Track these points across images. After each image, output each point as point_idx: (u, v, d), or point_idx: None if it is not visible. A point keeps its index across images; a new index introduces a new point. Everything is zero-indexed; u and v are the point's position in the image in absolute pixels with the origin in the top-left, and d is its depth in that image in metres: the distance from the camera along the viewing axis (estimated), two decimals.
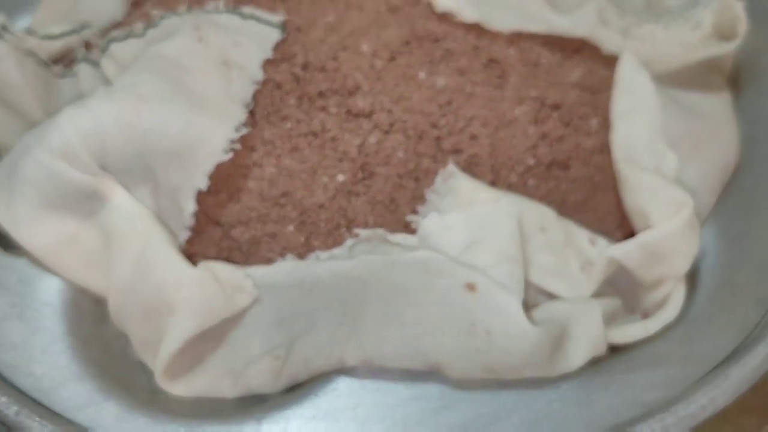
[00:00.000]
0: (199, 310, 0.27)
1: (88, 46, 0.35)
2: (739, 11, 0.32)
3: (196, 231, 0.30)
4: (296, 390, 0.28)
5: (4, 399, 0.25)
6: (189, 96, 0.30)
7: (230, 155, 0.30)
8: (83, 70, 0.35)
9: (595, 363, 0.28)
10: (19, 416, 0.24)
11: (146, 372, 0.28)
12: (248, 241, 0.30)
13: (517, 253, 0.28)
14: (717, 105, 0.34)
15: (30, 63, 0.35)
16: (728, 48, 0.32)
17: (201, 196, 0.30)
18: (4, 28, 0.34)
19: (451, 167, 0.30)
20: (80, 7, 0.38)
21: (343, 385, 0.27)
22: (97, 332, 0.29)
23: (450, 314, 0.26)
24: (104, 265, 0.29)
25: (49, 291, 0.29)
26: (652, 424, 0.24)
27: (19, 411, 0.24)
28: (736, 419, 0.48)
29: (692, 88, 0.34)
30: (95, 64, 0.34)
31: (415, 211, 0.30)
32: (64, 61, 0.36)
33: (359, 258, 0.28)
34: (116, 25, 0.36)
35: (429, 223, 0.29)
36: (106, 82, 0.34)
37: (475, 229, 0.28)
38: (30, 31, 0.35)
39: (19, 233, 0.29)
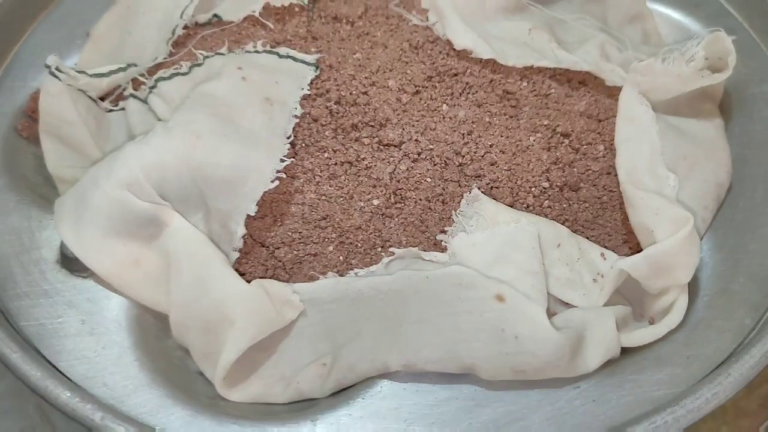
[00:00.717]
0: (255, 323, 0.31)
1: (135, 83, 0.39)
2: (729, 45, 0.35)
3: (244, 252, 0.34)
4: (343, 393, 0.31)
5: (89, 406, 0.28)
6: (237, 130, 0.33)
7: (276, 183, 0.33)
8: (131, 105, 0.38)
9: (609, 364, 0.31)
10: (104, 421, 0.27)
11: (205, 381, 0.32)
12: (291, 260, 0.34)
13: (539, 267, 0.31)
14: (710, 130, 0.37)
15: (82, 99, 0.38)
16: (720, 78, 0.36)
17: (248, 220, 0.33)
18: (58, 68, 0.38)
19: (476, 191, 0.34)
20: (124, 47, 0.41)
21: (386, 388, 0.31)
22: (160, 346, 0.32)
23: (482, 322, 0.30)
24: (165, 284, 0.32)
25: (115, 309, 0.33)
26: (664, 416, 0.28)
27: (104, 416, 0.27)
28: (732, 421, 0.52)
29: (688, 115, 0.38)
30: (142, 100, 0.38)
31: (443, 231, 0.33)
32: (111, 96, 0.39)
33: (396, 273, 0.32)
34: (160, 65, 0.39)
35: (457, 241, 0.32)
36: (154, 116, 0.37)
37: (500, 246, 0.32)
38: (80, 70, 0.39)
39: (87, 258, 0.32)
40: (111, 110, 0.39)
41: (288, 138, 0.35)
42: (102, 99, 0.39)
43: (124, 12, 0.42)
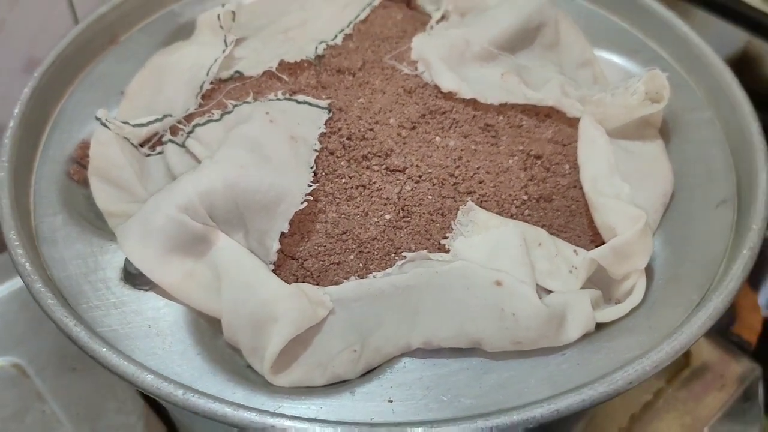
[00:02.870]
0: (295, 319, 0.37)
1: (173, 130, 0.46)
2: (664, 81, 0.45)
3: (277, 265, 0.41)
4: (372, 372, 0.38)
5: (171, 386, 0.34)
6: (271, 162, 0.41)
7: (304, 205, 0.41)
8: (170, 149, 0.45)
9: (586, 336, 0.39)
10: (186, 395, 0.34)
11: (253, 372, 0.38)
12: (318, 269, 0.41)
13: (526, 260, 0.39)
14: (654, 149, 0.47)
15: (127, 146, 0.45)
16: (659, 108, 0.45)
17: (280, 237, 0.41)
18: (107, 120, 0.45)
19: (470, 203, 0.42)
20: (157, 102, 0.48)
21: (409, 363, 0.38)
22: (215, 344, 0.39)
23: (485, 304, 0.37)
24: (215, 293, 0.39)
25: (175, 315, 0.39)
26: (635, 366, 0.35)
27: (185, 393, 0.34)
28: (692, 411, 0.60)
29: (635, 138, 0.47)
30: (180, 144, 0.45)
31: (445, 237, 0.41)
32: (149, 143, 0.47)
33: (410, 272, 0.39)
34: (192, 114, 0.47)
35: (458, 244, 0.40)
36: (192, 157, 0.45)
37: (493, 245, 0.40)
38: (124, 121, 0.46)
39: (151, 272, 0.39)
40: (149, 155, 0.46)
41: (311, 168, 0.42)
42: (141, 145, 0.46)
43: (155, 73, 0.50)
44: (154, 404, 0.56)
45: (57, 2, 0.67)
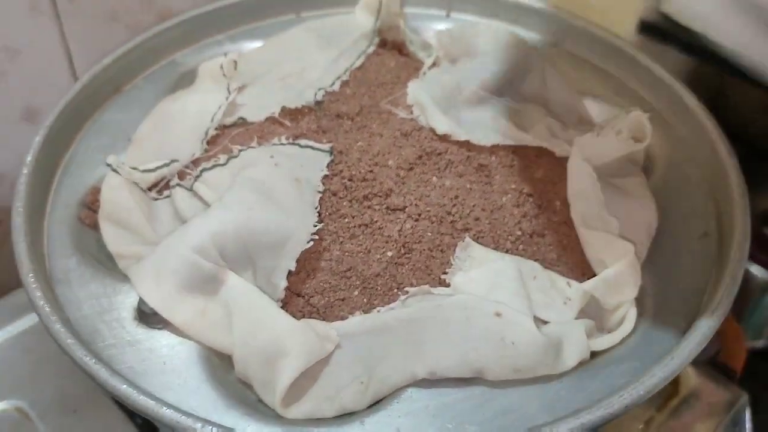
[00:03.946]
0: (305, 353, 0.39)
1: (180, 174, 0.48)
2: (646, 122, 0.48)
3: (285, 302, 0.43)
4: (380, 403, 0.40)
5: (191, 419, 0.36)
6: (278, 204, 0.44)
7: (310, 244, 0.43)
8: (178, 193, 0.48)
9: (582, 364, 0.41)
10: (205, 428, 0.36)
11: (265, 406, 0.40)
12: (324, 305, 0.43)
13: (523, 292, 0.42)
14: (637, 185, 0.50)
15: (136, 190, 0.48)
16: (641, 146, 0.48)
17: (287, 275, 0.43)
18: (118, 166, 0.47)
19: (468, 240, 0.44)
20: (163, 148, 0.51)
21: (415, 394, 0.40)
22: (227, 379, 0.41)
23: (486, 334, 0.40)
24: (227, 330, 0.41)
25: (189, 352, 0.41)
26: (629, 391, 0.38)
27: (203, 425, 0.36)
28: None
29: (620, 175, 0.50)
30: (188, 189, 0.48)
31: (445, 273, 0.44)
32: (157, 187, 0.49)
33: (413, 306, 0.41)
34: (199, 159, 0.49)
35: (458, 278, 0.43)
36: (200, 200, 0.47)
37: (492, 278, 0.42)
38: (133, 167, 0.48)
39: (165, 310, 0.41)
40: (157, 198, 0.48)
41: (316, 208, 0.45)
42: (149, 189, 0.49)
43: (161, 119, 0.52)
44: None
45: (56, 55, 0.70)
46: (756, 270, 1.17)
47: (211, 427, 0.36)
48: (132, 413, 0.57)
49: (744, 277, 1.21)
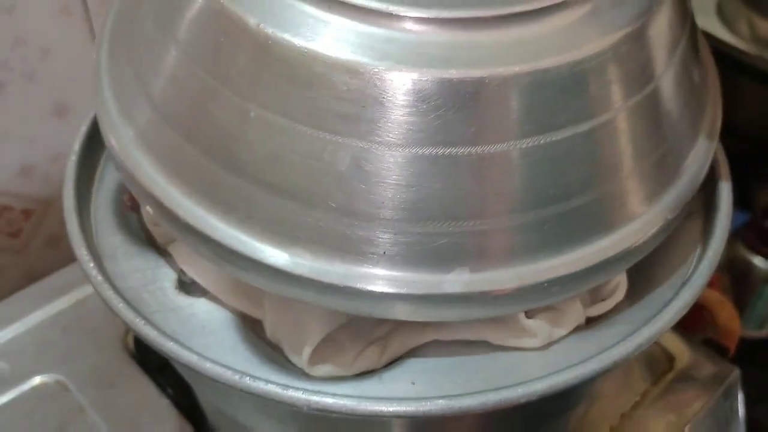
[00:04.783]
0: (328, 320, 0.45)
1: None
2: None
3: None
4: (396, 362, 0.46)
5: (230, 372, 0.42)
6: None
7: None
8: None
9: (577, 329, 0.47)
10: (243, 379, 0.41)
11: (293, 366, 0.46)
12: None
13: None
14: None
15: None
16: None
17: None
18: None
19: None
20: None
21: (428, 353, 0.45)
22: (259, 341, 0.47)
23: None
24: (260, 298, 0.47)
25: (225, 317, 0.47)
26: (618, 348, 0.43)
27: (242, 376, 0.41)
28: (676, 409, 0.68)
29: None
30: None
31: None
32: None
33: None
34: None
35: None
36: None
37: None
38: None
39: (204, 281, 0.47)
40: None
41: None
42: None
43: None
44: (187, 415, 0.63)
45: (85, 54, 0.76)
46: (758, 261, 1.22)
47: (247, 378, 0.41)
48: (164, 385, 0.62)
49: (746, 268, 1.27)
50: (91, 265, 0.46)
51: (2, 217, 0.78)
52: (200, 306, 0.47)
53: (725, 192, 0.52)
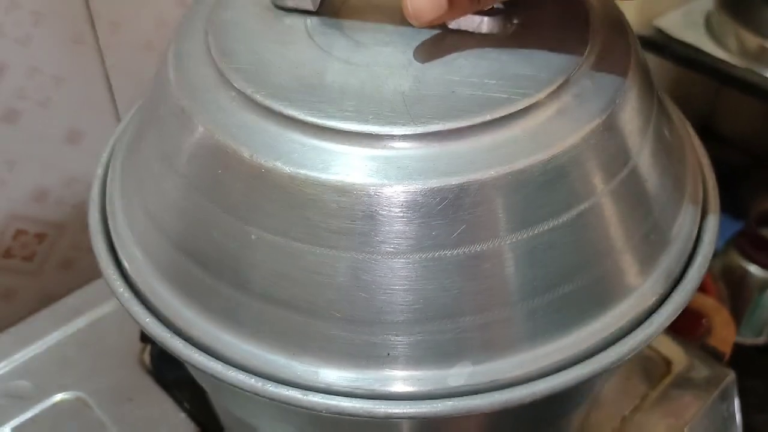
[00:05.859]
0: None
1: None
2: None
3: None
4: None
5: (252, 378, 0.45)
6: None
7: None
8: None
9: None
10: (265, 386, 0.45)
11: None
12: None
13: None
14: None
15: None
16: None
17: None
18: None
19: None
20: None
21: None
22: None
23: None
24: None
25: None
26: (615, 349, 0.47)
27: (264, 383, 0.45)
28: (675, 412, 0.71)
29: None
30: None
31: None
32: None
33: None
34: None
35: None
36: None
37: None
38: None
39: None
40: None
41: None
42: None
43: None
44: (204, 428, 0.67)
45: (97, 82, 0.80)
46: (754, 269, 1.26)
47: (270, 384, 0.45)
48: (181, 400, 0.66)
49: (742, 276, 1.32)
50: (118, 282, 0.49)
51: (17, 241, 0.81)
52: None
53: (713, 196, 0.53)
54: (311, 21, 0.49)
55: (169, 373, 0.68)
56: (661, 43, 1.18)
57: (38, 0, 0.70)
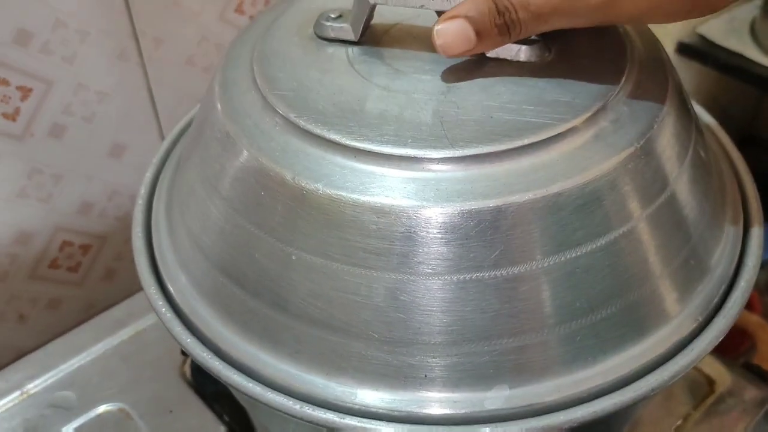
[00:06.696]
0: None
1: None
2: None
3: None
4: None
5: (291, 401, 0.46)
6: None
7: None
8: None
9: None
10: (303, 409, 0.45)
11: None
12: None
13: None
14: None
15: None
16: None
17: None
18: None
19: None
20: None
21: None
22: None
23: None
24: None
25: None
26: (656, 376, 0.46)
27: (302, 407, 0.46)
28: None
29: None
30: None
31: None
32: None
33: None
34: None
35: None
36: None
37: None
38: None
39: None
40: None
41: None
42: None
43: None
44: None
45: (140, 97, 0.81)
46: None
47: (308, 407, 0.45)
48: (220, 412, 0.67)
49: None
50: (160, 303, 0.51)
51: (63, 252, 0.83)
52: None
53: (755, 208, 0.53)
54: (352, 50, 0.49)
55: (209, 385, 0.69)
56: (704, 51, 1.16)
57: (84, 18, 0.72)
